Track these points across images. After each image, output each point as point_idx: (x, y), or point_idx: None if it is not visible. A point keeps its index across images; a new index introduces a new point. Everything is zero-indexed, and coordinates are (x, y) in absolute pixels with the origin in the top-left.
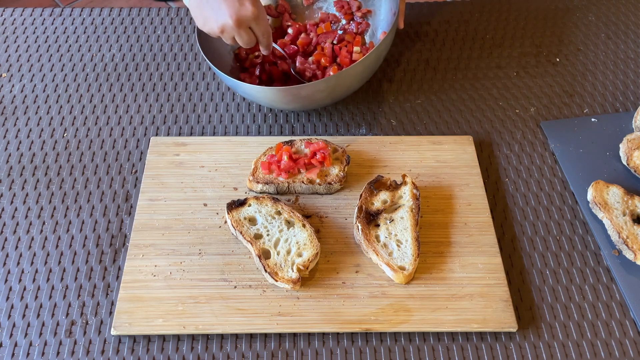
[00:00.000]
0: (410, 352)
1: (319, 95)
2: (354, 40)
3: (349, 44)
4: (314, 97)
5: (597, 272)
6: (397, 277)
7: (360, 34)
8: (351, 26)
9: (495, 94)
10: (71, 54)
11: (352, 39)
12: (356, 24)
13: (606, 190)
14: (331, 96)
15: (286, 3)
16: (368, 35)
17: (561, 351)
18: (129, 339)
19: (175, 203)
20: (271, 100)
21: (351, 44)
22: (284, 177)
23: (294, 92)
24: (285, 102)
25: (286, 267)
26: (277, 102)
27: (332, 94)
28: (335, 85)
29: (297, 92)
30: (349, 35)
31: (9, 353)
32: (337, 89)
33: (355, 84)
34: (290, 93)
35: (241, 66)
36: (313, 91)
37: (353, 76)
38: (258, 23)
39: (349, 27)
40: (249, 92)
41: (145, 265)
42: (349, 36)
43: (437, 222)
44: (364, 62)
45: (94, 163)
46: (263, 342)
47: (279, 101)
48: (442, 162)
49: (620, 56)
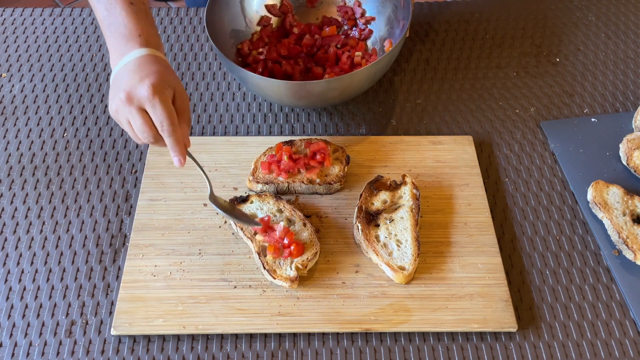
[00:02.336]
0: (410, 352)
1: (331, 94)
2: (357, 45)
3: (352, 48)
4: (326, 95)
5: (597, 272)
6: (397, 277)
7: (363, 41)
8: (354, 32)
9: (495, 94)
10: (71, 54)
11: (356, 44)
12: (359, 30)
13: (606, 190)
14: (342, 95)
15: (290, 3)
16: (371, 42)
17: (561, 351)
18: (129, 339)
19: (175, 203)
20: (280, 95)
21: (354, 49)
22: (284, 177)
23: (308, 88)
24: (296, 97)
25: (285, 265)
26: (286, 97)
27: (344, 93)
28: (348, 85)
29: (311, 88)
30: (352, 40)
31: (9, 353)
32: (349, 88)
33: (366, 84)
34: (304, 89)
35: (243, 62)
36: (327, 89)
37: (366, 76)
38: (154, 105)
39: (351, 32)
40: (259, 85)
41: (145, 265)
42: (352, 41)
43: (437, 222)
44: (378, 63)
45: (94, 163)
46: (263, 342)
47: (289, 96)
48: (442, 162)
49: (620, 56)
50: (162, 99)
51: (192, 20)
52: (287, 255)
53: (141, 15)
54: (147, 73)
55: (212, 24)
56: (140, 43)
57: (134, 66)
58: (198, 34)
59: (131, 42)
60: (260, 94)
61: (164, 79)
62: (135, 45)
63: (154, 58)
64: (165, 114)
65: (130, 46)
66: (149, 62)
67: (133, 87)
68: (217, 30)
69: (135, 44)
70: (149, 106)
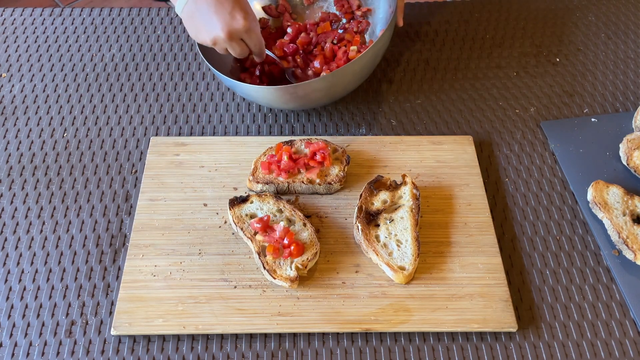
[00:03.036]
0: (410, 352)
1: (316, 95)
2: (354, 39)
3: (349, 43)
4: (312, 96)
5: (597, 272)
6: (397, 277)
7: (360, 33)
8: (351, 25)
9: (495, 94)
10: (71, 54)
11: (352, 38)
12: (356, 22)
13: (606, 190)
14: (329, 95)
15: (287, 3)
16: (368, 34)
17: (561, 351)
18: (129, 339)
19: (175, 203)
20: (269, 100)
21: (350, 43)
22: (284, 177)
23: (291, 91)
24: (283, 101)
25: (285, 265)
26: (275, 101)
27: (330, 93)
28: (332, 84)
29: (294, 91)
30: (349, 34)
31: (9, 353)
32: (334, 88)
33: (353, 82)
34: (288, 92)
35: (242, 66)
36: (310, 90)
37: (350, 74)
38: (250, 35)
39: (349, 26)
40: (247, 92)
41: (145, 265)
42: (348, 35)
43: (437, 222)
44: (360, 60)
45: (94, 163)
46: (263, 342)
47: (277, 100)
48: (442, 162)
49: (620, 56)
50: (254, 31)
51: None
52: (287, 255)
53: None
54: (232, 6)
55: None
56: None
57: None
58: None
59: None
60: (251, 99)
61: (244, 7)
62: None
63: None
64: (257, 41)
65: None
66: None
67: (229, 25)
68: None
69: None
70: (246, 37)
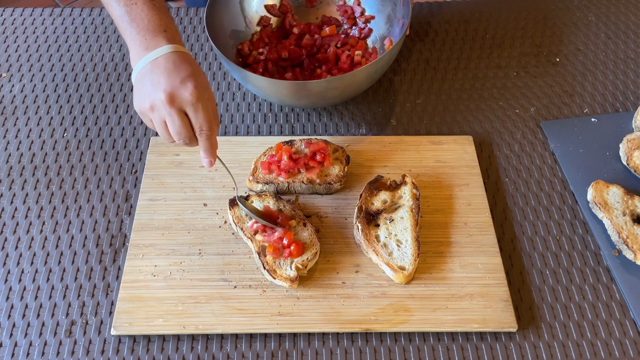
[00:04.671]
0: (410, 352)
1: (331, 93)
2: (357, 44)
3: (352, 47)
4: (327, 94)
5: (597, 272)
6: (397, 277)
7: (363, 39)
8: (354, 31)
9: (495, 94)
10: (71, 54)
11: (356, 43)
12: (359, 29)
13: (606, 190)
14: (342, 95)
15: (289, 3)
16: (371, 40)
17: (561, 351)
18: (129, 339)
19: (175, 203)
20: (281, 94)
21: (354, 48)
22: (284, 177)
23: (308, 87)
24: (296, 97)
25: (285, 265)
26: (286, 96)
27: (344, 92)
28: (349, 84)
29: (311, 87)
30: (352, 39)
31: (9, 353)
32: (350, 88)
33: (366, 83)
34: (304, 88)
35: (244, 62)
36: (327, 88)
37: (366, 75)
38: (196, 110)
39: (351, 32)
40: (259, 85)
41: (145, 265)
42: (352, 40)
43: (437, 222)
44: (378, 62)
45: (94, 163)
46: (263, 342)
47: (289, 96)
48: (442, 162)
49: (620, 56)
50: (204, 105)
51: (192, 20)
52: (287, 255)
53: (163, 12)
54: (187, 75)
55: (212, 24)
56: (167, 39)
57: (170, 64)
58: (198, 34)
59: (158, 37)
60: (260, 94)
61: (202, 82)
62: (162, 41)
63: (185, 56)
64: (206, 119)
65: (157, 41)
66: (183, 60)
67: (175, 89)
68: (217, 31)
69: (162, 39)
70: (191, 110)
